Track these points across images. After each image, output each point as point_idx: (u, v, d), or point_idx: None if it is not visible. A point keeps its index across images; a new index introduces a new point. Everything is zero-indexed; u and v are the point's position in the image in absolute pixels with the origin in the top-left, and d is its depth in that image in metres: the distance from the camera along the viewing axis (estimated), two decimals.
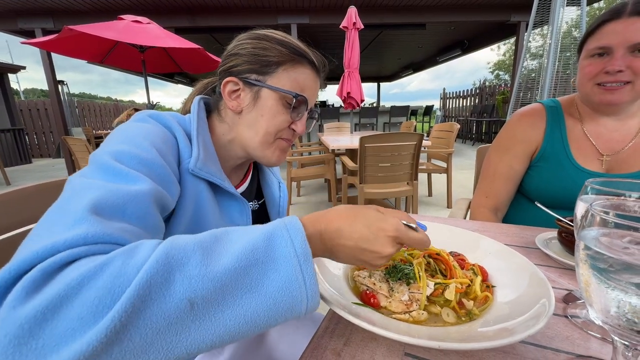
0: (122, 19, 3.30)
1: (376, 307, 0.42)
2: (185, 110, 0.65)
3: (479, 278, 0.44)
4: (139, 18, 3.34)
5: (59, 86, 5.92)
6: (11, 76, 8.42)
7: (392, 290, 0.42)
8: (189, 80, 13.12)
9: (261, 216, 0.75)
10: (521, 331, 0.32)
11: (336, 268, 0.48)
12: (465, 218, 1.11)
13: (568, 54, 3.62)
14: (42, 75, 5.55)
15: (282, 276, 0.32)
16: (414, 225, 0.39)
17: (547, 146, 0.90)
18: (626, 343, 0.30)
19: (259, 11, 5.71)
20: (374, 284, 0.43)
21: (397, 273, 0.44)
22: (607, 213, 0.31)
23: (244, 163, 0.68)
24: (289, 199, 3.06)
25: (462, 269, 0.47)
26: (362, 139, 2.26)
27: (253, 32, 0.59)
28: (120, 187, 0.38)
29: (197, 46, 3.46)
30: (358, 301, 0.42)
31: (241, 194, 0.67)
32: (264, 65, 0.56)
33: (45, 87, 5.72)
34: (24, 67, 8.62)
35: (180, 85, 14.03)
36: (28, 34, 5.60)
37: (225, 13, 5.67)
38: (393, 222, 0.37)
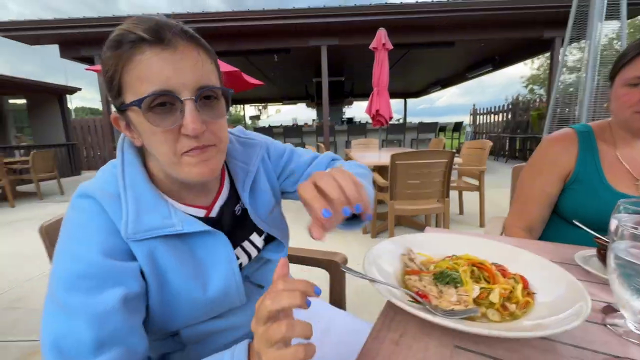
0: None
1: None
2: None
3: (520, 285, 0.49)
4: None
5: (111, 106, 6.53)
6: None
7: (442, 292, 0.49)
8: None
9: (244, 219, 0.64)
10: (561, 325, 0.37)
11: (389, 265, 0.55)
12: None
13: (610, 68, 3.47)
14: (91, 94, 6.25)
15: None
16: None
17: (580, 170, 0.92)
18: None
19: (291, 34, 6.05)
20: (425, 286, 0.50)
21: (445, 278, 0.50)
22: (636, 228, 0.36)
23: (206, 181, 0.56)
24: None
25: (504, 277, 0.52)
26: (393, 156, 2.32)
27: None
28: (65, 325, 0.39)
29: (235, 69, 3.74)
30: (411, 299, 0.49)
31: (219, 210, 0.60)
32: (110, 83, 0.46)
33: (93, 105, 6.38)
34: (79, 89, 9.59)
35: None
36: (88, 60, 6.31)
37: (261, 37, 6.07)
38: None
